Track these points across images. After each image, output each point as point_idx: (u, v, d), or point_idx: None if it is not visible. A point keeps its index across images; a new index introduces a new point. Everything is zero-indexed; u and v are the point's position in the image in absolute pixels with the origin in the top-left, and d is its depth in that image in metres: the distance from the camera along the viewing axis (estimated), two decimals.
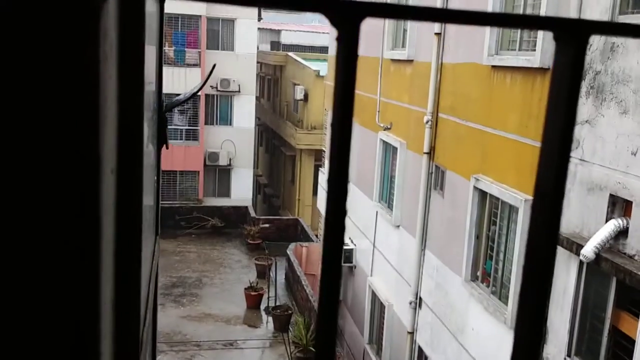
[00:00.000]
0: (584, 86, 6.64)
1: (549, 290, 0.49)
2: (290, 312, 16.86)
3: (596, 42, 6.43)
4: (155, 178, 1.86)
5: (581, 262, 6.55)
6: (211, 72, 3.14)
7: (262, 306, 17.88)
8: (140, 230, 0.89)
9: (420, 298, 11.04)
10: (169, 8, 24.89)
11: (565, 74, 0.48)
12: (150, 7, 1.48)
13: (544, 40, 7.29)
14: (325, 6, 0.43)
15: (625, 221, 6.07)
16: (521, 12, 8.11)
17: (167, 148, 1.91)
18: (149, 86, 1.58)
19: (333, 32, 0.46)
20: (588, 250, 6.17)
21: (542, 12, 7.37)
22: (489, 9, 8.54)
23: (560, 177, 0.49)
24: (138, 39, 0.85)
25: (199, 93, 25.45)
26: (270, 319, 17.01)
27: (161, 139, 1.81)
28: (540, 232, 0.49)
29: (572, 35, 0.48)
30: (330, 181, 0.44)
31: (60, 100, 0.50)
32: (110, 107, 0.66)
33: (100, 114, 0.53)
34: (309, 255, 19.44)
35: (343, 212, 0.45)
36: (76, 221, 0.55)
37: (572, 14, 6.76)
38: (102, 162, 0.58)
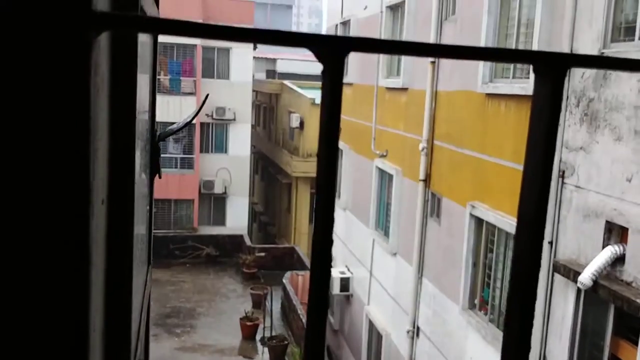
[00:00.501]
0: (578, 113, 6.68)
1: (533, 316, 0.50)
2: (286, 342, 16.66)
3: (589, 69, 6.48)
4: (148, 207, 1.84)
5: (579, 290, 6.51)
6: (204, 102, 3.16)
7: (258, 336, 17.68)
8: (131, 261, 0.89)
9: (418, 327, 10.93)
10: (164, 37, 25.29)
11: (545, 106, 0.49)
12: (144, 36, 1.48)
13: None
14: (310, 42, 0.42)
15: (621, 248, 6.05)
16: (514, 41, 8.20)
17: (159, 177, 1.89)
18: (142, 115, 1.58)
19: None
20: (585, 278, 6.13)
21: (535, 41, 7.45)
22: (482, 38, 8.64)
23: (542, 206, 0.49)
24: (130, 71, 0.86)
25: (194, 121, 25.55)
26: (266, 349, 16.80)
27: (154, 169, 1.80)
28: (524, 259, 0.49)
29: (551, 68, 0.49)
30: (317, 210, 0.43)
31: (50, 132, 0.51)
32: (101, 138, 0.66)
33: (91, 145, 0.54)
34: (305, 284, 19.30)
35: (329, 241, 0.44)
36: (65, 252, 0.55)
37: (565, 42, 6.84)
38: (93, 193, 0.58)
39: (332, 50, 0.42)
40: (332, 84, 0.43)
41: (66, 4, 0.49)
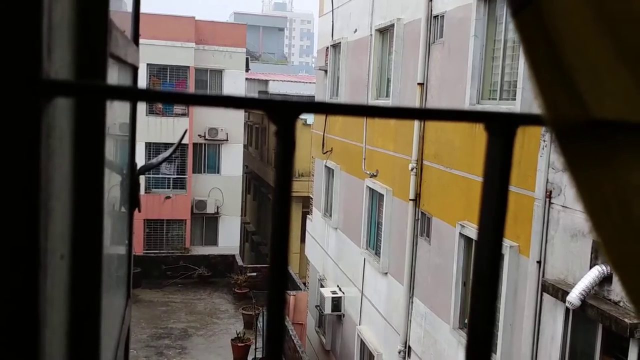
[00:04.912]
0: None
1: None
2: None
3: None
4: (127, 242, 1.87)
5: (567, 309, 6.55)
6: (182, 137, 3.23)
7: (250, 357, 17.53)
8: (98, 316, 0.88)
9: (409, 346, 10.91)
10: (157, 59, 25.05)
11: (496, 163, 0.51)
12: (122, 77, 1.51)
13: (524, 89, 7.48)
14: (264, 106, 0.47)
15: (609, 267, 6.11)
16: (500, 63, 8.33)
17: (139, 211, 1.93)
18: (122, 149, 1.61)
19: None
20: (574, 297, 6.18)
21: (521, 63, 7.57)
22: (469, 61, 8.76)
23: (494, 265, 0.51)
24: (97, 124, 0.87)
25: (187, 142, 25.58)
26: None
27: (133, 203, 1.83)
28: (479, 322, 0.51)
29: (501, 128, 0.51)
30: (270, 268, 0.47)
31: None
32: (60, 194, 0.67)
33: (41, 210, 0.53)
34: (296, 303, 19.20)
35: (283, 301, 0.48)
36: (12, 320, 0.53)
37: None
38: (47, 251, 0.57)
39: (284, 113, 0.47)
40: (285, 142, 0.47)
41: (14, 72, 0.50)
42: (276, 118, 0.47)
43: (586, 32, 0.43)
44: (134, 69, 1.71)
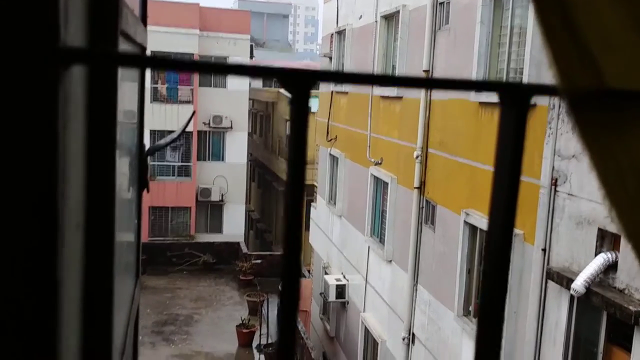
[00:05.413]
0: (571, 122, 6.74)
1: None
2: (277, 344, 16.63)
3: None
4: (136, 221, 1.87)
5: (572, 297, 6.55)
6: (191, 117, 3.22)
7: (254, 344, 17.65)
8: (111, 286, 0.89)
9: (413, 333, 10.95)
10: (161, 46, 25.02)
11: (509, 135, 0.50)
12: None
13: (530, 76, 7.44)
14: (279, 74, 0.47)
15: (614, 255, 6.10)
16: (507, 49, 8.28)
17: (147, 192, 1.93)
18: (130, 131, 1.61)
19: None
20: (578, 285, 6.18)
21: (527, 49, 7.53)
22: (475, 47, 8.72)
23: (507, 239, 0.51)
24: (110, 94, 0.88)
25: (192, 129, 25.58)
26: (263, 356, 16.77)
27: (142, 183, 1.84)
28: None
29: (514, 98, 0.51)
30: (285, 232, 0.47)
31: (15, 158, 0.52)
32: (75, 163, 0.67)
33: (59, 177, 0.54)
34: (301, 291, 19.27)
35: (298, 270, 0.48)
36: (32, 284, 0.53)
37: None
38: (64, 218, 0.58)
39: (298, 82, 0.47)
40: (299, 111, 0.47)
41: (33, 40, 0.50)
42: (291, 87, 0.47)
43: (601, 1, 0.43)
44: (142, 50, 1.70)
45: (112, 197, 0.87)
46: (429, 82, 0.52)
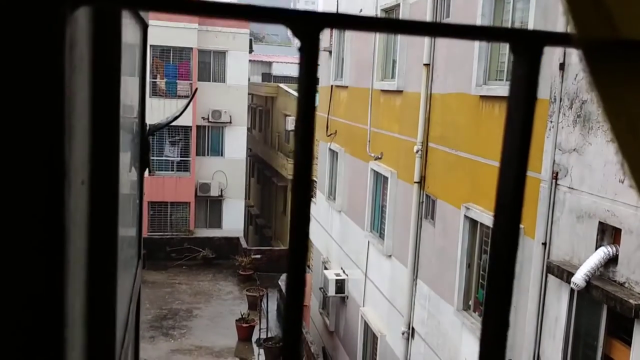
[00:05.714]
0: (572, 115, 6.73)
1: (510, 299, 0.50)
2: (282, 343, 16.66)
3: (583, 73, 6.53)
4: (138, 201, 1.85)
5: (572, 290, 6.54)
6: (193, 95, 3.20)
7: (254, 338, 17.66)
8: (115, 241, 0.88)
9: (413, 328, 10.95)
10: (160, 40, 24.96)
11: (522, 86, 0.49)
12: (133, 33, 1.49)
13: None
14: (287, 18, 0.44)
15: (614, 249, 6.09)
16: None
17: (149, 173, 1.92)
18: (130, 108, 1.59)
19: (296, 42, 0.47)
20: (579, 278, 6.17)
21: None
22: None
23: (519, 191, 0.50)
24: (113, 53, 0.86)
25: (190, 124, 25.54)
26: (262, 351, 16.79)
27: (144, 163, 1.82)
28: (501, 243, 0.50)
29: (527, 46, 0.49)
30: (294, 190, 0.45)
31: (22, 107, 0.50)
32: (80, 118, 0.66)
33: (66, 123, 0.52)
34: None
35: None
36: (39, 228, 0.53)
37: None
38: (70, 173, 0.57)
39: (308, 26, 0.44)
40: (308, 59, 0.45)
41: None
42: (300, 31, 0.45)
43: None
44: (144, 28, 1.68)
45: (116, 154, 0.85)
46: (436, 28, 0.50)
